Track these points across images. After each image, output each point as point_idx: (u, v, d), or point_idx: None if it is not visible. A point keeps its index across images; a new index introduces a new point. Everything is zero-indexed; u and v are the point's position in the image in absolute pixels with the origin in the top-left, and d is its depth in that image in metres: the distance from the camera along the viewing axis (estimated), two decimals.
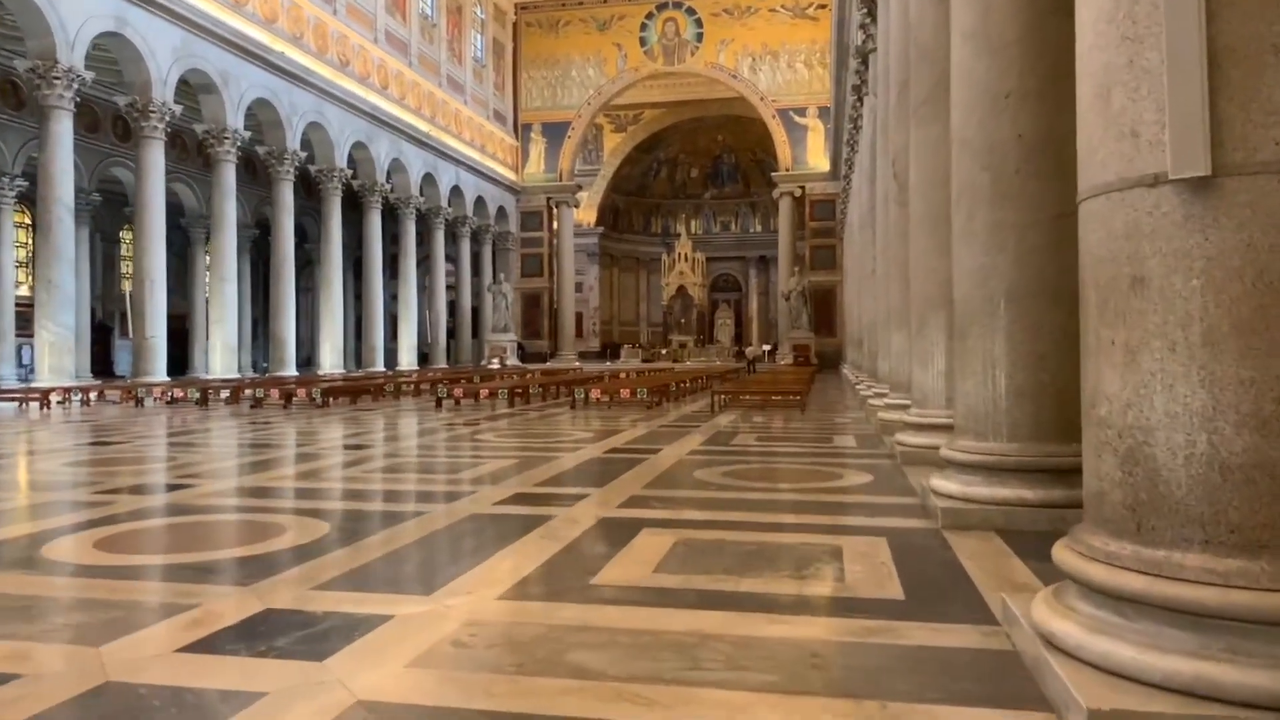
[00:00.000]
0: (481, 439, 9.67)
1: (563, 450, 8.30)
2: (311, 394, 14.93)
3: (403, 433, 10.86)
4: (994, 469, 4.79)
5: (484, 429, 10.85)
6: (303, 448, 9.01)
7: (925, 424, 7.48)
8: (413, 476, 6.91)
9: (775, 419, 12.29)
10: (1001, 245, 4.82)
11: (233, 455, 8.30)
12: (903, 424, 8.02)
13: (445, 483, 6.56)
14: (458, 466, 7.43)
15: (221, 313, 23.59)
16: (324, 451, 8.59)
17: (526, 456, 7.95)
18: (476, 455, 8.32)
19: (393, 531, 4.58)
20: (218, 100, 23.14)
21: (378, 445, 9.08)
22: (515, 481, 6.37)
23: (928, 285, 7.56)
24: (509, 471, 6.93)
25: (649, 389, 14.16)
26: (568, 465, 7.21)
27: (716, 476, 6.48)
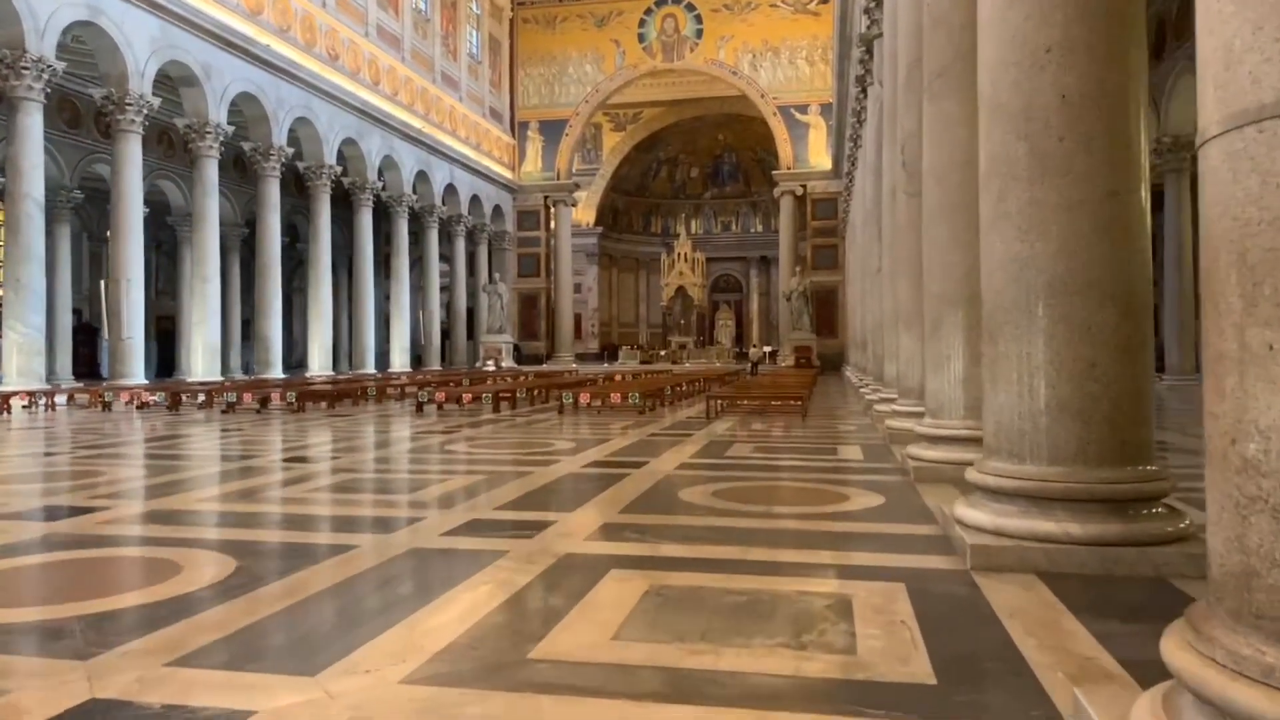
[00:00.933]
0: (453, 450, 8.88)
1: (538, 464, 7.50)
2: (286, 398, 14.15)
3: (369, 442, 10.07)
4: (1033, 497, 3.99)
5: (459, 438, 10.06)
6: (251, 460, 8.22)
7: (941, 436, 6.69)
8: (359, 498, 6.11)
9: (775, 426, 11.50)
10: (1042, 230, 4.02)
11: (168, 470, 7.50)
12: (915, 435, 7.23)
13: (394, 506, 5.77)
14: (416, 484, 6.63)
15: (204, 313, 22.80)
16: (272, 465, 7.79)
17: (496, 471, 7.16)
18: (442, 470, 7.52)
19: (305, 575, 3.78)
20: (199, 93, 22.38)
21: (335, 458, 8.28)
22: (474, 504, 5.58)
23: (944, 282, 6.76)
24: (472, 491, 6.14)
25: (641, 393, 13.37)
26: (540, 482, 6.41)
27: (705, 498, 5.68)
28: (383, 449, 9.22)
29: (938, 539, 4.50)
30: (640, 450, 8.56)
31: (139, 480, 6.91)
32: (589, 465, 7.42)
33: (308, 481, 6.68)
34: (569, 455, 8.14)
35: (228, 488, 6.46)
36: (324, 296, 27.87)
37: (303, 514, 5.46)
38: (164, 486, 6.56)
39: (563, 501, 5.70)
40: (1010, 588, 3.57)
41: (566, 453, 8.36)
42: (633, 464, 7.47)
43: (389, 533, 4.71)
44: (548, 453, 8.42)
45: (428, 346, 35.87)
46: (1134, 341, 3.95)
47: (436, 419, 12.98)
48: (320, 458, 8.30)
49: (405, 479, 7.01)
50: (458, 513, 5.27)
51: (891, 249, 11.90)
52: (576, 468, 7.25)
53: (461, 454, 8.50)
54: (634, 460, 7.73)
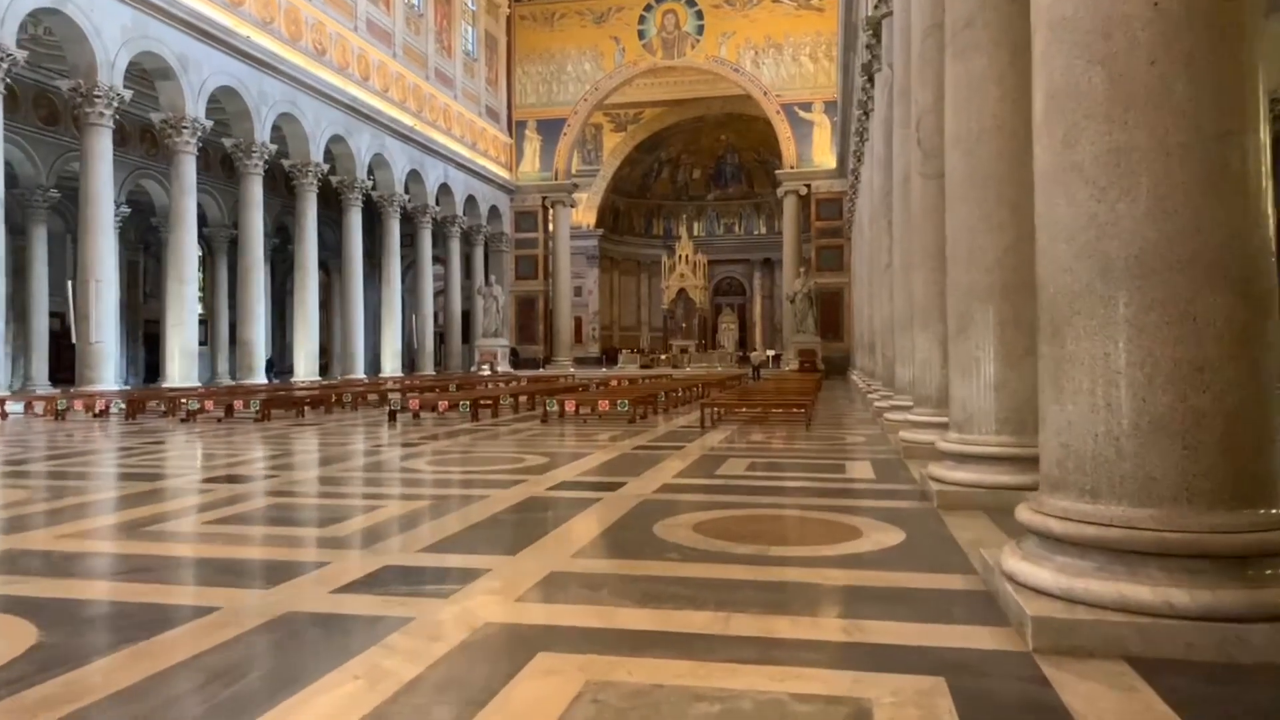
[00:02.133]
0: (407, 467, 7.82)
1: (498, 485, 6.45)
2: (250, 406, 13.13)
3: (318, 458, 9.01)
4: (1117, 550, 2.92)
5: (420, 452, 9.01)
6: (168, 480, 7.17)
7: (969, 454, 5.63)
8: (265, 533, 5.04)
9: (775, 436, 10.43)
10: (1128, 185, 2.96)
11: (58, 494, 6.45)
12: (936, 452, 6.16)
13: (299, 545, 4.70)
14: (343, 512, 5.57)
15: (181, 316, 21.79)
16: (188, 488, 6.73)
17: (444, 496, 6.11)
18: (383, 494, 6.45)
19: (108, 664, 2.72)
20: (175, 87, 21.42)
21: (270, 476, 7.23)
22: (399, 543, 4.53)
23: (972, 270, 5.70)
24: (406, 522, 5.09)
25: (631, 401, 12.31)
26: (490, 511, 5.35)
27: (685, 533, 4.62)
28: (329, 466, 8.16)
29: (980, 597, 3.43)
30: (620, 467, 7.50)
31: (22, 507, 5.87)
32: (556, 487, 6.35)
33: (218, 509, 5.63)
34: (537, 474, 7.08)
35: (114, 518, 5.41)
36: (310, 299, 26.88)
37: (181, 556, 4.40)
38: (46, 515, 5.52)
39: (509, 539, 4.64)
40: (1095, 685, 2.51)
41: (535, 470, 7.30)
42: (607, 485, 6.42)
43: (271, 586, 3.65)
44: (514, 470, 7.36)
45: (420, 351, 34.87)
46: (1255, 336, 2.89)
47: (408, 429, 11.93)
48: (252, 477, 7.25)
49: (335, 505, 5.94)
50: (371, 555, 4.21)
51: (904, 241, 10.83)
52: (541, 490, 6.18)
53: (415, 472, 7.44)
54: (609, 481, 6.67)
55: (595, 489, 6.29)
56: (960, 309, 5.80)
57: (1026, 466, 5.42)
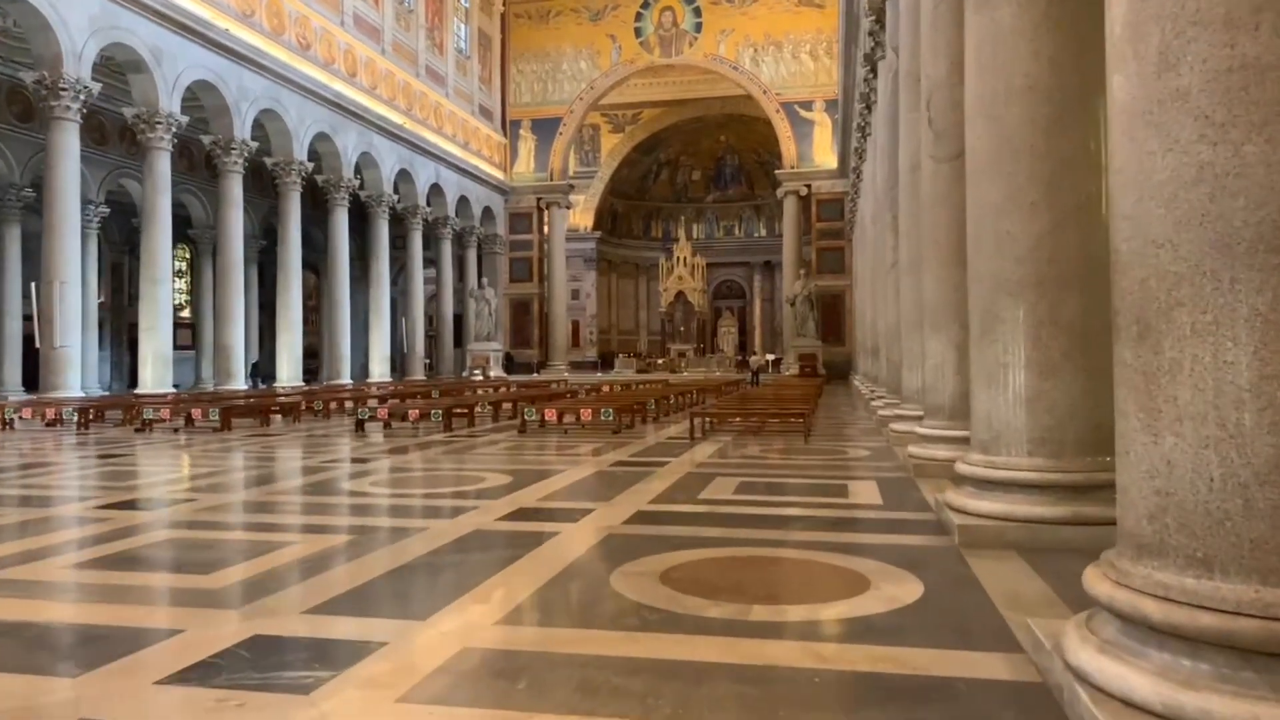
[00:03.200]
0: (350, 489, 6.87)
1: (440, 514, 5.53)
2: (208, 415, 12.21)
3: (258, 475, 8.08)
4: (1256, 652, 1.99)
5: (374, 469, 8.08)
6: (71, 505, 6.23)
7: (997, 480, 4.70)
8: (134, 582, 4.04)
9: (771, 449, 9.50)
10: (1260, 119, 2.04)
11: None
12: (952, 472, 5.24)
13: (167, 599, 3.76)
14: (242, 553, 4.56)
15: (154, 320, 20.89)
16: (80, 516, 5.79)
17: (373, 529, 5.19)
18: (303, 524, 5.48)
19: None
20: (149, 80, 20.52)
21: (184, 501, 6.29)
22: (288, 599, 3.60)
23: (999, 260, 4.78)
24: (308, 568, 4.16)
25: (616, 409, 11.38)
26: (415, 553, 4.40)
27: (648, 585, 3.69)
28: (261, 487, 7.21)
29: (1034, 694, 2.50)
30: (591, 489, 6.58)
31: None
32: (510, 516, 5.42)
33: (92, 547, 4.67)
34: (494, 498, 6.15)
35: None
36: (293, 302, 25.98)
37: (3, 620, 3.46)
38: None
39: (425, 594, 3.71)
40: None
41: (494, 493, 6.37)
42: (571, 513, 5.49)
43: (81, 671, 2.72)
44: (469, 494, 6.43)
45: (411, 355, 33.94)
46: None
47: (374, 440, 11.01)
48: (163, 502, 6.31)
49: (239, 542, 4.95)
50: (243, 620, 3.27)
51: (911, 236, 9.91)
52: (489, 521, 5.25)
53: (355, 497, 6.50)
54: (575, 507, 5.74)
55: (556, 518, 5.36)
56: (984, 307, 4.88)
57: (1066, 496, 4.51)
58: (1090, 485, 4.51)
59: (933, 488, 6.54)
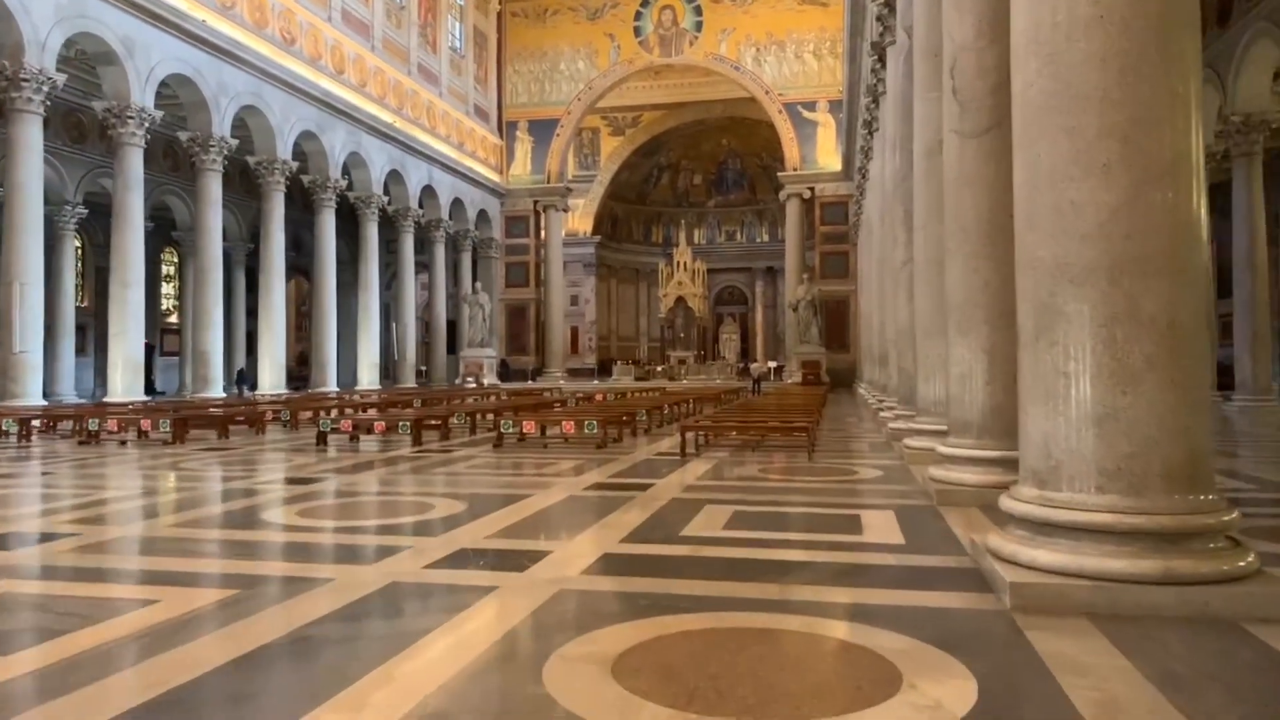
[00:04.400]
0: (268, 521, 5.77)
1: (361, 558, 4.48)
2: (158, 427, 11.17)
3: (176, 500, 7.00)
4: None
5: (314, 493, 7.02)
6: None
7: (1060, 524, 3.63)
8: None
9: (772, 468, 8.43)
10: None
11: None
12: (1001, 510, 4.17)
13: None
14: (73, 617, 3.50)
15: (123, 324, 19.88)
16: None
17: (265, 579, 4.12)
18: (182, 574, 4.37)
19: None
20: (120, 73, 19.57)
21: (70, 535, 5.22)
22: (73, 706, 2.54)
23: (1060, 241, 3.72)
24: (137, 647, 3.09)
25: (602, 421, 10.32)
26: (291, 625, 3.31)
27: (594, 683, 2.63)
28: (167, 516, 6.07)
29: None
30: (554, 522, 5.52)
31: None
32: (440, 563, 4.34)
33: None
34: (432, 534, 5.09)
35: None
36: (275, 306, 24.97)
37: None
38: None
39: (268, 702, 2.64)
40: None
41: (435, 528, 5.31)
42: (517, 558, 4.43)
43: None
44: (403, 529, 5.37)
45: (401, 362, 32.90)
46: None
47: (332, 455, 9.95)
48: (24, 540, 5.22)
49: (67, 602, 3.81)
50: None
51: (927, 229, 8.86)
52: (414, 570, 4.18)
53: (267, 531, 5.41)
54: (528, 548, 4.69)
55: (500, 565, 4.30)
56: (1039, 300, 3.81)
57: (1152, 546, 3.43)
58: (1184, 532, 3.45)
59: (962, 521, 5.47)
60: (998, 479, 6.11)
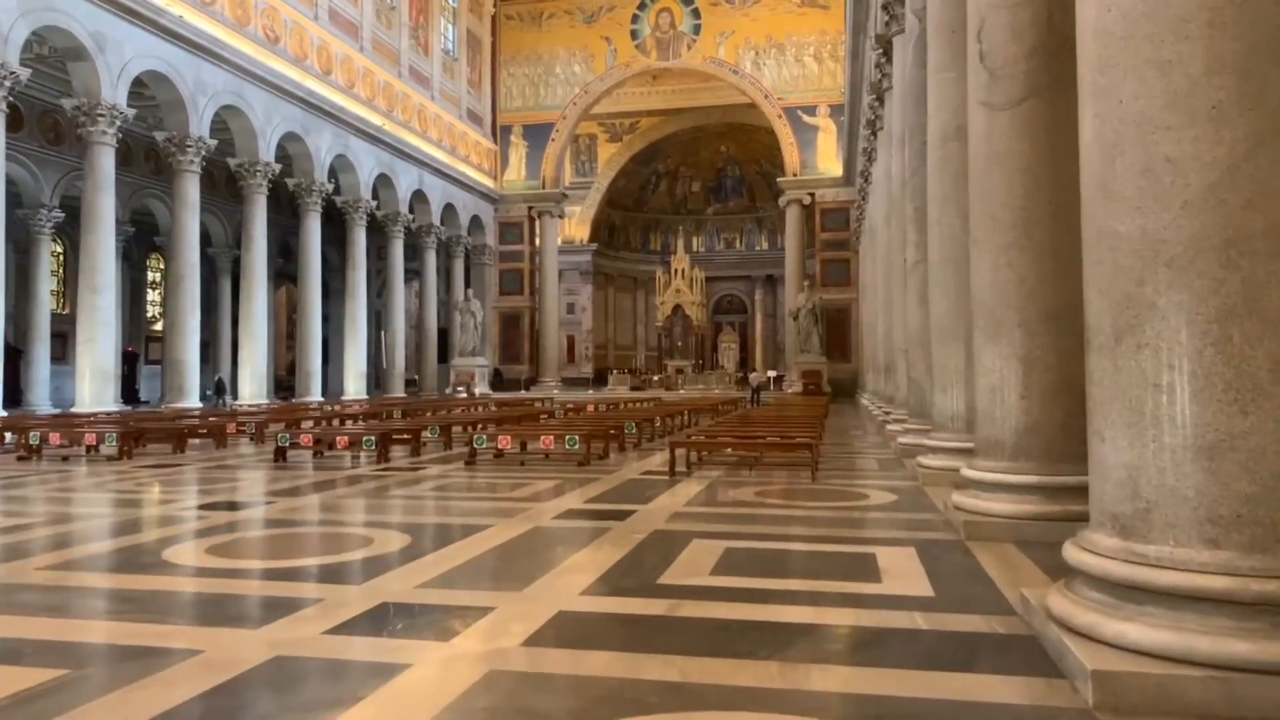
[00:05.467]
0: (171, 560, 4.86)
1: (247, 619, 3.56)
2: (104, 441, 10.26)
3: (85, 530, 6.05)
4: None
5: (240, 522, 6.08)
6: None
7: (1160, 588, 2.70)
8: None
9: (770, 491, 7.50)
10: None
11: None
12: (1068, 562, 3.24)
13: None
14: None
15: (93, 331, 18.98)
16: None
17: (98, 653, 3.20)
18: (7, 644, 3.50)
19: None
20: (90, 69, 18.72)
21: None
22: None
23: (1150, 211, 2.81)
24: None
25: (585, 436, 9.39)
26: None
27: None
28: (52, 554, 5.14)
29: None
30: (505, 565, 4.58)
31: None
32: (348, 625, 3.41)
33: None
34: (355, 580, 4.16)
35: None
36: (256, 313, 24.06)
37: None
38: None
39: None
40: None
41: (361, 572, 4.37)
42: (448, 619, 3.49)
43: None
44: (325, 572, 4.44)
45: (390, 371, 31.97)
46: None
47: (286, 473, 9.02)
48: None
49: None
50: None
51: (943, 222, 7.96)
52: (311, 635, 3.26)
53: (158, 575, 4.46)
54: (461, 604, 3.75)
55: (424, 629, 3.37)
56: (1119, 290, 2.89)
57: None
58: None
59: (999, 562, 4.55)
60: (1036, 509, 5.20)
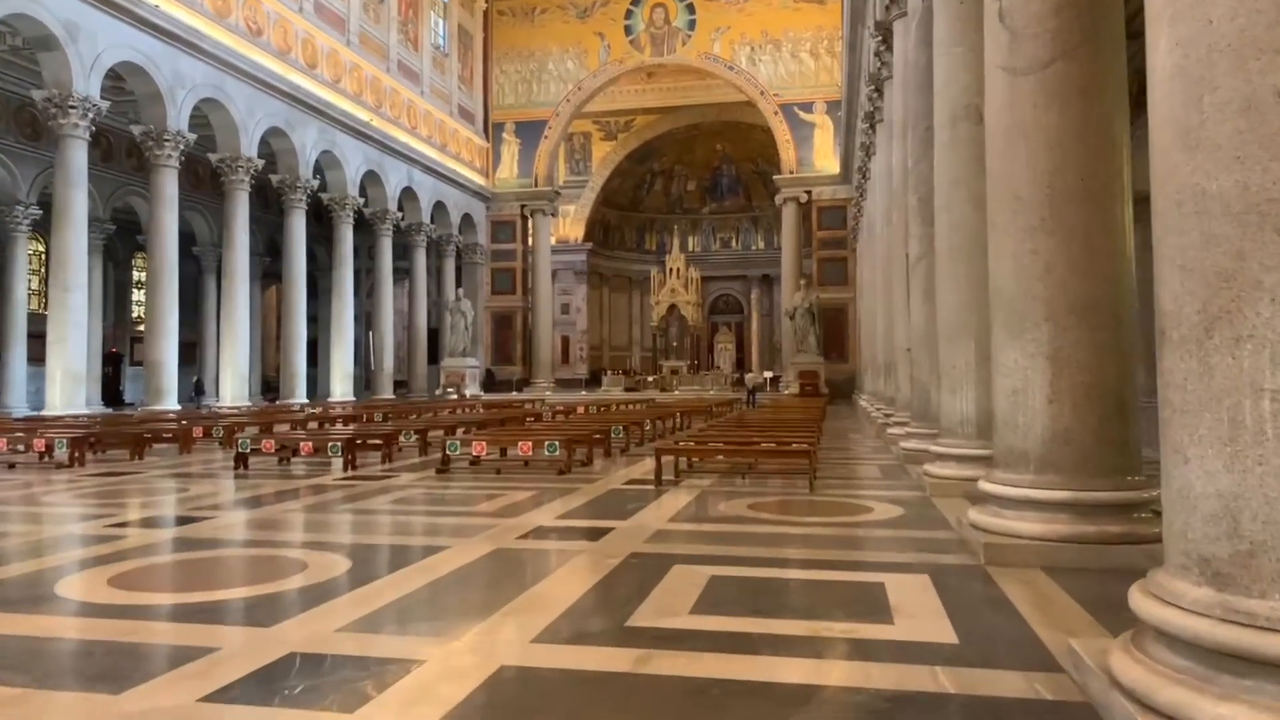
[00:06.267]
0: (54, 596, 4.17)
1: (127, 675, 2.88)
2: (54, 447, 9.58)
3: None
4: None
5: (161, 542, 5.40)
6: None
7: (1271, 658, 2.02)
8: None
9: (764, 504, 6.84)
10: None
11: None
12: (1138, 615, 2.57)
13: None
14: None
15: (63, 331, 18.25)
16: None
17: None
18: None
19: None
20: (60, 59, 18.02)
21: None
22: None
23: (1255, 169, 2.14)
24: None
25: (564, 442, 8.72)
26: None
27: None
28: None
29: None
30: (453, 599, 3.91)
31: None
32: (230, 690, 2.75)
33: None
34: (267, 622, 3.48)
35: None
36: (238, 312, 23.34)
37: None
38: None
39: None
40: None
41: (278, 610, 3.70)
42: (360, 680, 2.83)
43: None
44: (231, 615, 3.76)
45: (378, 372, 31.24)
46: None
47: (243, 482, 8.34)
48: None
49: None
50: None
51: (951, 209, 7.31)
52: (187, 702, 2.60)
53: (28, 619, 3.80)
54: (382, 658, 3.08)
55: (326, 695, 2.70)
56: (1209, 265, 2.23)
57: None
58: None
59: (1032, 597, 3.88)
60: (1067, 529, 4.54)
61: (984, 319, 7.01)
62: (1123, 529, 4.50)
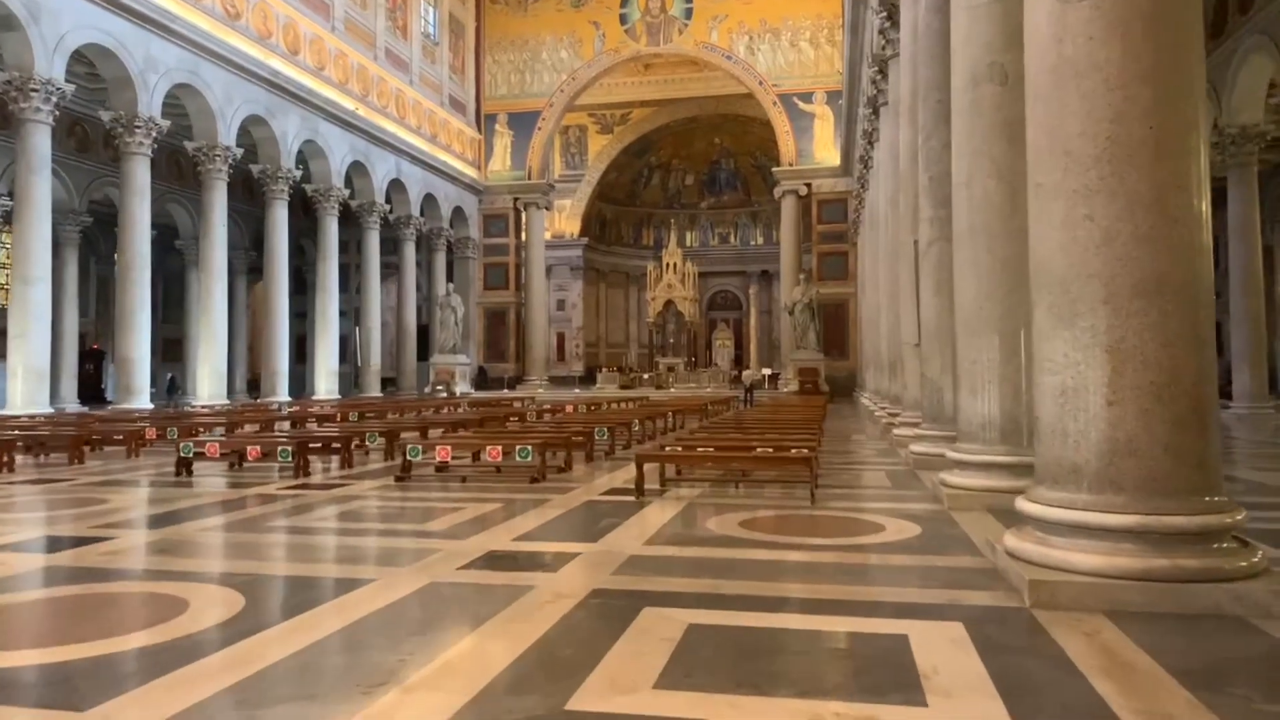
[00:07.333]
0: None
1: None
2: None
3: None
4: None
5: (34, 573, 4.52)
6: None
7: None
8: None
9: (758, 522, 5.93)
10: None
11: None
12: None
13: None
14: None
15: (24, 326, 17.35)
16: None
17: None
18: None
19: None
20: (21, 39, 17.12)
21: None
22: None
23: None
24: None
25: (538, 447, 7.82)
26: None
27: None
28: None
29: None
30: (342, 664, 3.01)
31: None
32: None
33: None
34: (84, 705, 2.59)
35: None
36: (215, 307, 22.45)
37: None
38: None
39: None
40: None
41: (107, 683, 2.81)
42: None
43: None
44: (24, 693, 2.86)
45: (365, 369, 30.34)
46: None
47: (175, 492, 7.45)
48: None
49: None
50: None
51: (972, 183, 6.40)
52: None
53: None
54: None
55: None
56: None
57: None
58: None
59: (1096, 655, 2.98)
60: (1135, 563, 3.64)
61: (1010, 309, 6.13)
62: (1201, 563, 3.61)
